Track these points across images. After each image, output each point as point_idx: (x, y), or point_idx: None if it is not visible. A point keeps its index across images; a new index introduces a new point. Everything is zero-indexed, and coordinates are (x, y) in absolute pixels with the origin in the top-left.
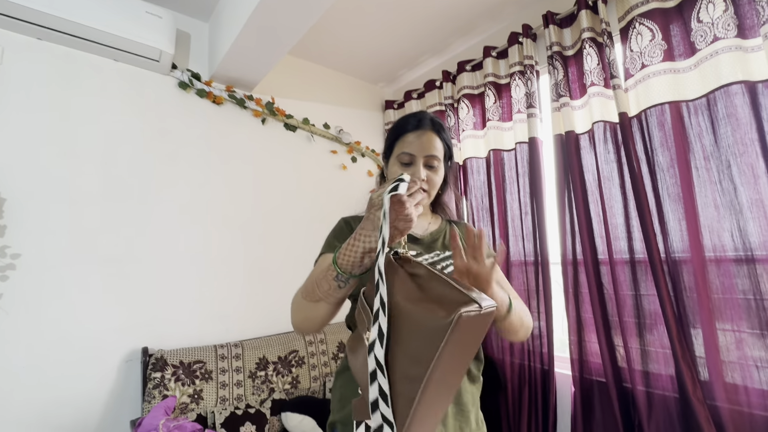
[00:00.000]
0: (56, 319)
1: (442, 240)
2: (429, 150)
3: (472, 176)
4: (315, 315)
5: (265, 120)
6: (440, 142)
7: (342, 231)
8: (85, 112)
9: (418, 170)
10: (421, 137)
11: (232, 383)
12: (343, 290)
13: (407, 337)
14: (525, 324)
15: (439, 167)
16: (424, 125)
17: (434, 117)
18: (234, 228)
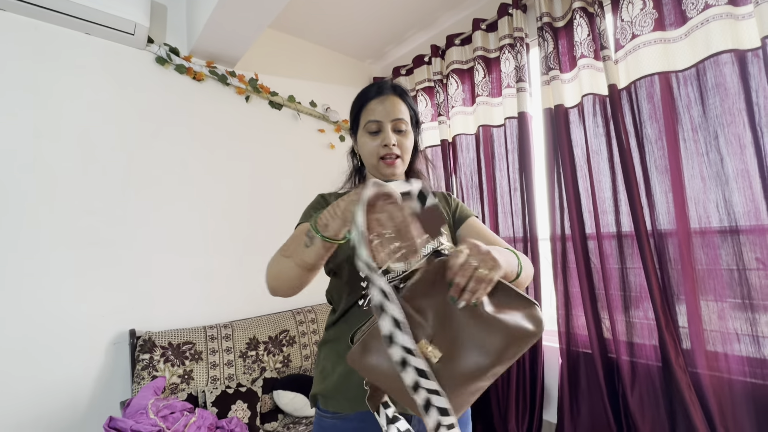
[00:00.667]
0: (39, 303)
1: None
2: (395, 114)
3: (461, 153)
4: (284, 273)
5: (249, 98)
6: (405, 106)
7: (319, 204)
8: (58, 89)
9: (387, 136)
10: (385, 102)
11: (222, 363)
12: (310, 250)
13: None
14: (530, 276)
15: (407, 131)
16: (385, 91)
17: (395, 82)
18: (219, 208)
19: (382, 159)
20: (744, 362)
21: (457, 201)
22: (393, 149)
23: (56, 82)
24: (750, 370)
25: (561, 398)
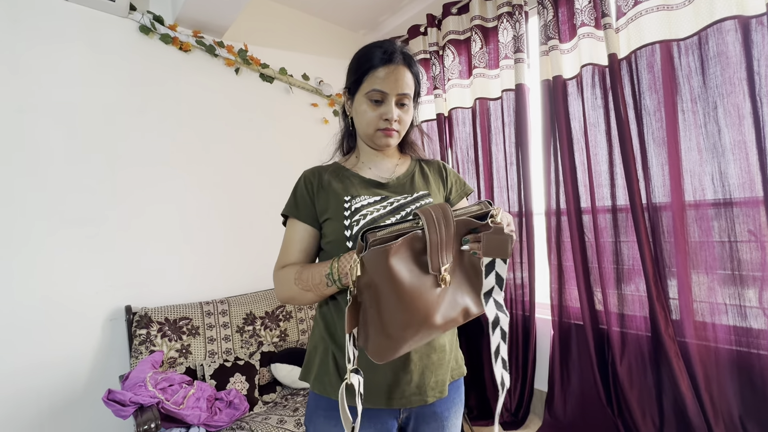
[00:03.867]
0: (34, 281)
1: (411, 180)
2: (402, 88)
3: (457, 127)
4: (302, 299)
5: (238, 70)
6: (411, 78)
7: (300, 191)
8: (38, 59)
9: (390, 109)
10: (395, 73)
11: (219, 338)
12: (330, 288)
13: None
14: None
15: (409, 105)
16: (395, 59)
17: (404, 48)
18: (212, 184)
19: (380, 130)
20: (730, 331)
21: (455, 175)
22: (393, 125)
23: (36, 53)
24: (735, 338)
25: (552, 368)
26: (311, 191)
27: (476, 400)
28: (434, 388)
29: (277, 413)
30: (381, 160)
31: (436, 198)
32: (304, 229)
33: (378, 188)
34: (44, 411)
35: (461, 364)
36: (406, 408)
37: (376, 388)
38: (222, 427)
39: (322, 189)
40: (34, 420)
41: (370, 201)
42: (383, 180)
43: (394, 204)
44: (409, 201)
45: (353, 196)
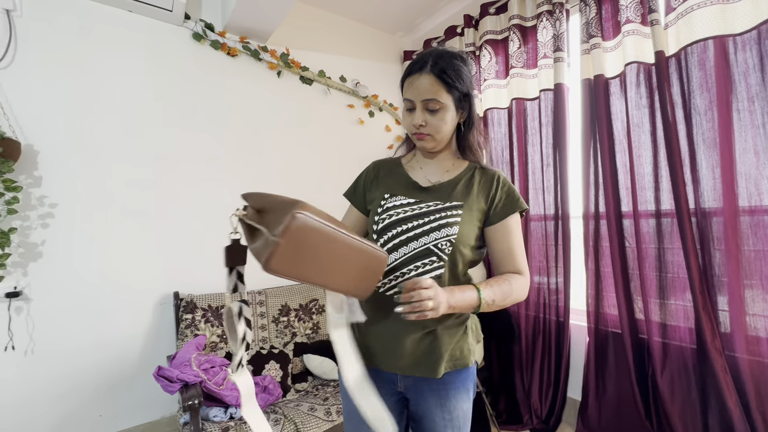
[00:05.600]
0: (93, 265)
1: (453, 188)
2: (424, 94)
3: (492, 128)
4: None
5: (280, 73)
6: (440, 83)
7: (360, 180)
8: (103, 65)
9: (416, 116)
10: (417, 81)
11: (256, 327)
12: None
13: None
14: (507, 303)
15: (442, 109)
16: (422, 68)
17: (441, 54)
18: (252, 180)
19: (414, 134)
20: None
21: (508, 191)
22: (420, 129)
23: (102, 59)
24: None
25: (586, 376)
26: (367, 182)
27: (506, 404)
28: (424, 365)
29: (308, 401)
30: (431, 162)
31: (469, 211)
32: (356, 213)
33: (417, 191)
34: (102, 383)
35: (466, 355)
36: (402, 376)
37: (373, 351)
38: None
39: (375, 181)
40: (94, 392)
41: (403, 202)
42: (427, 183)
43: (423, 209)
44: (438, 209)
45: (392, 195)
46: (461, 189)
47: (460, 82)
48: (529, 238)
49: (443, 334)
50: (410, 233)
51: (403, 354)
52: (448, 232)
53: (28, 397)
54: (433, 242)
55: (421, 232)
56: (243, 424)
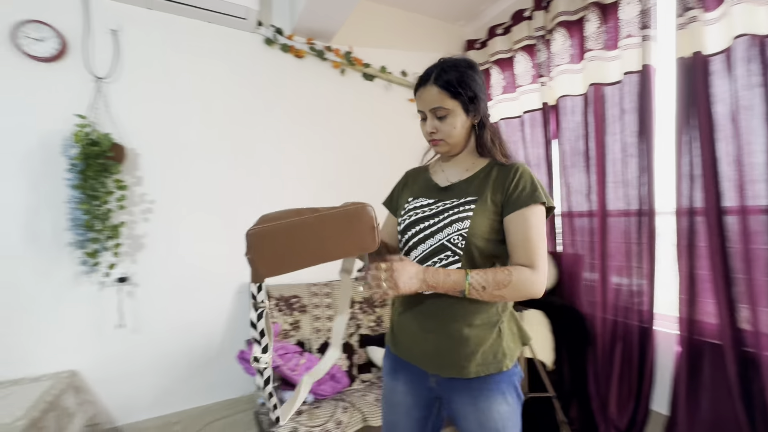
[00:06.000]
0: (184, 256)
1: (469, 185)
2: (431, 103)
3: (565, 117)
4: None
5: (344, 71)
6: (444, 92)
7: (395, 187)
8: (189, 74)
9: (427, 124)
10: (423, 93)
11: (324, 317)
12: None
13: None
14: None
15: (449, 115)
16: (426, 81)
17: (443, 66)
18: (320, 177)
19: (430, 141)
20: None
21: (525, 182)
22: (431, 135)
23: (186, 68)
24: None
25: (676, 390)
26: (399, 188)
27: (579, 412)
28: (448, 368)
29: (374, 392)
30: (451, 164)
31: (483, 204)
32: (392, 219)
33: (436, 191)
34: (192, 361)
35: (500, 359)
36: (431, 374)
37: (404, 345)
38: (326, 397)
39: (405, 188)
40: (185, 368)
41: (423, 203)
42: (446, 183)
43: (439, 208)
44: (453, 206)
45: (414, 198)
46: (477, 185)
47: (464, 87)
48: (606, 236)
49: (470, 334)
50: (427, 231)
51: (428, 352)
52: (459, 226)
53: (134, 369)
54: (447, 238)
55: (437, 229)
56: (315, 409)
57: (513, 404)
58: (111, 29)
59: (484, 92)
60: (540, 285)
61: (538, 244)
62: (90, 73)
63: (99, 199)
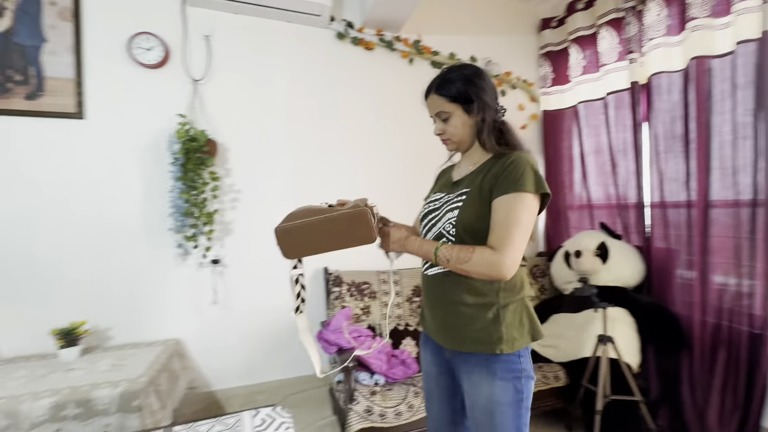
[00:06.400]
0: (266, 239)
1: (472, 177)
2: (434, 109)
3: (659, 97)
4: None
5: (412, 60)
6: (442, 98)
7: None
8: (270, 71)
9: (436, 127)
10: (428, 100)
11: (392, 304)
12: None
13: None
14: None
15: (451, 117)
16: (429, 91)
17: (443, 75)
18: (390, 168)
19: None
20: None
21: (507, 170)
22: (440, 136)
23: (268, 66)
24: None
25: None
26: (432, 187)
27: (669, 420)
28: (450, 341)
29: None
30: (463, 160)
31: (474, 195)
32: None
33: (449, 186)
34: (273, 337)
35: (495, 342)
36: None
37: (425, 320)
38: (397, 380)
39: (434, 185)
40: (267, 346)
41: (435, 197)
42: (457, 178)
43: (443, 200)
44: (451, 198)
45: (434, 193)
46: (475, 176)
47: (461, 90)
48: (708, 229)
49: (464, 312)
50: (432, 222)
51: (438, 326)
52: (450, 216)
53: (225, 341)
54: (442, 227)
55: (437, 220)
56: (387, 391)
57: (506, 391)
58: (204, 35)
59: (485, 93)
60: (503, 267)
61: (510, 229)
62: (188, 76)
63: (197, 189)
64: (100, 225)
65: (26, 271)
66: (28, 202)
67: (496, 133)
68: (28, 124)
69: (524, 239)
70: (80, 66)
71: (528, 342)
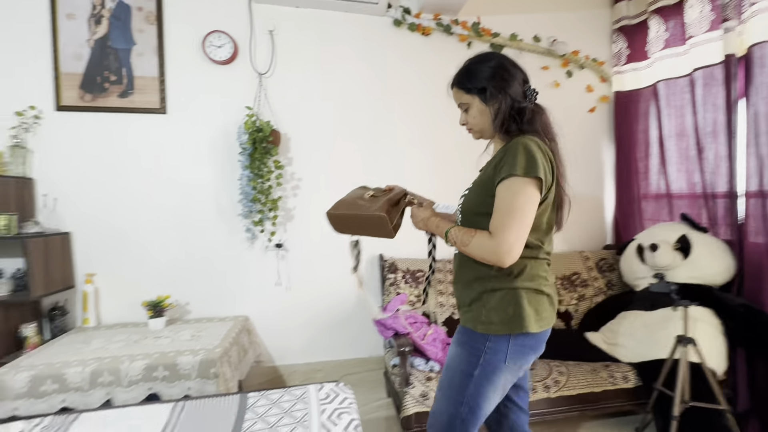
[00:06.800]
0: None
1: (486, 166)
2: (456, 101)
3: (762, 70)
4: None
5: (470, 43)
6: (460, 90)
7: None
8: (329, 61)
9: (460, 118)
10: (452, 93)
11: (447, 292)
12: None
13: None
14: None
15: (470, 107)
16: (451, 86)
17: (460, 69)
18: (442, 153)
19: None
20: None
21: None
22: (465, 126)
23: (330, 57)
24: None
25: None
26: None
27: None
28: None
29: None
30: (490, 149)
31: (479, 183)
32: None
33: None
34: (331, 319)
35: (475, 319)
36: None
37: None
38: None
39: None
40: (326, 327)
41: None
42: (480, 167)
43: (465, 191)
44: (467, 187)
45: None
46: (488, 165)
47: (474, 81)
48: None
49: (460, 291)
50: (458, 209)
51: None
52: (459, 203)
53: (288, 320)
54: (458, 212)
55: (458, 207)
56: None
57: (462, 359)
58: (269, 30)
59: (502, 81)
60: (499, 253)
61: (504, 215)
62: (254, 70)
63: (263, 177)
64: (181, 210)
65: (122, 251)
66: (122, 188)
67: (511, 120)
68: (121, 119)
69: (521, 225)
70: (163, 65)
71: (505, 331)
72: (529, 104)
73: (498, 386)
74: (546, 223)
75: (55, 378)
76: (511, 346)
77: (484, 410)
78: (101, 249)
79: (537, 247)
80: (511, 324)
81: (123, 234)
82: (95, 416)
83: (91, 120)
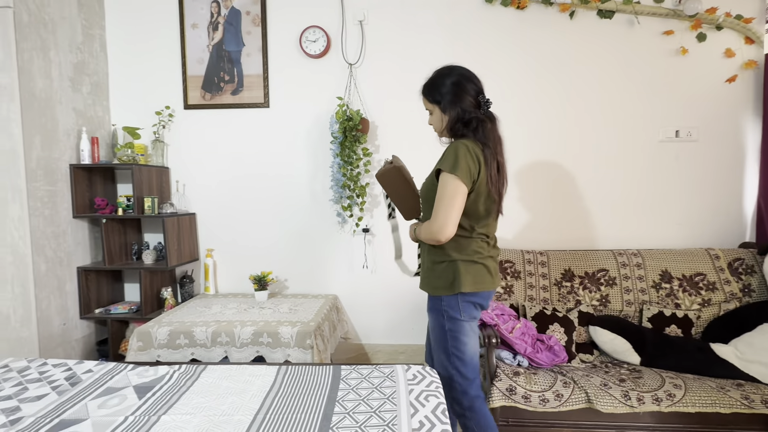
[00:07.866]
0: None
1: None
2: (424, 106)
3: None
4: None
5: (573, 13)
6: (425, 98)
7: None
8: (416, 47)
9: (428, 119)
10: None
11: (538, 286)
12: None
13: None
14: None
15: (432, 113)
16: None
17: (425, 83)
18: (547, 138)
19: None
20: None
21: (442, 156)
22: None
23: (415, 43)
24: None
25: None
26: None
27: None
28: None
29: (599, 375)
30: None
31: (427, 176)
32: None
33: None
34: (415, 306)
35: (433, 285)
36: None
37: None
38: (543, 366)
39: None
40: (408, 311)
41: None
42: None
43: None
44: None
45: None
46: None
47: (434, 94)
48: None
49: (426, 261)
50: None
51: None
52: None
53: (373, 302)
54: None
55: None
56: (532, 375)
57: (433, 320)
58: (359, 20)
59: (453, 95)
60: (433, 232)
61: (437, 203)
62: (345, 61)
63: (352, 164)
64: (280, 195)
65: (233, 229)
66: (234, 175)
67: (462, 126)
68: (233, 114)
69: (448, 210)
70: (266, 63)
71: (449, 292)
72: (480, 113)
73: (467, 332)
74: (483, 210)
75: (186, 334)
76: (460, 302)
77: (467, 354)
78: (218, 228)
79: (471, 228)
80: (453, 286)
81: (234, 215)
82: (218, 369)
83: (210, 116)
